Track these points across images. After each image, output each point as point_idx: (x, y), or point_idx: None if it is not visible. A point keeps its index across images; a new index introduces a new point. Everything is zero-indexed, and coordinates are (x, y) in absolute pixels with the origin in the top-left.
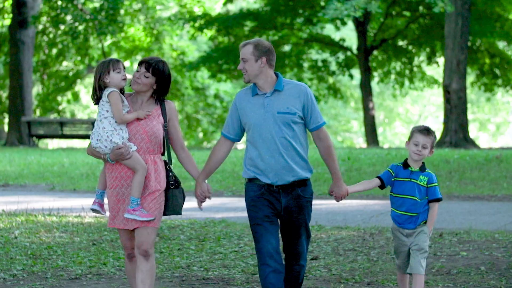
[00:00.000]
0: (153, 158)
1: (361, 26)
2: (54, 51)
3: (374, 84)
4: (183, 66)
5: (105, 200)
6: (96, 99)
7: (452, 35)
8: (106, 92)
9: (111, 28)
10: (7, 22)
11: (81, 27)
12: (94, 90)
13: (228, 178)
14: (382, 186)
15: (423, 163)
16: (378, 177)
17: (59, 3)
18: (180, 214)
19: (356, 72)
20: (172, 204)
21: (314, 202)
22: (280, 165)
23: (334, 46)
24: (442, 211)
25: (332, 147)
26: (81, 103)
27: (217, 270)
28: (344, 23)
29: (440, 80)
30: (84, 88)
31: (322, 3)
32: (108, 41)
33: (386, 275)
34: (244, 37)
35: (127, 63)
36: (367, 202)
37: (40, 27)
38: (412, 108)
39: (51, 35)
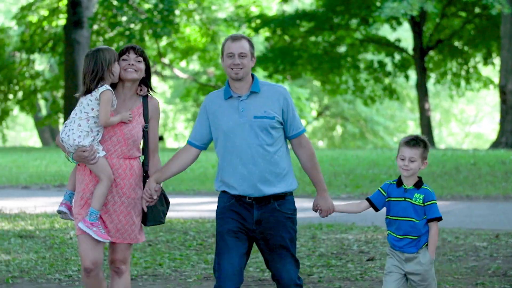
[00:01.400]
0: (129, 163)
1: (417, 26)
2: None
3: (430, 84)
4: None
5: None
6: (86, 91)
7: (508, 35)
8: (100, 89)
9: (166, 30)
10: (62, 22)
11: (136, 27)
12: (89, 79)
13: None
14: (375, 209)
15: (419, 178)
16: (368, 199)
17: (115, 3)
18: (163, 223)
19: (412, 73)
20: (152, 213)
21: None
22: (255, 177)
23: (390, 46)
24: (498, 212)
25: (315, 155)
26: None
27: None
28: (399, 23)
29: (496, 80)
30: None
31: (378, 3)
32: (164, 41)
33: (442, 276)
34: (300, 37)
35: (183, 63)
36: None
37: (95, 27)
38: (468, 108)
39: (106, 35)
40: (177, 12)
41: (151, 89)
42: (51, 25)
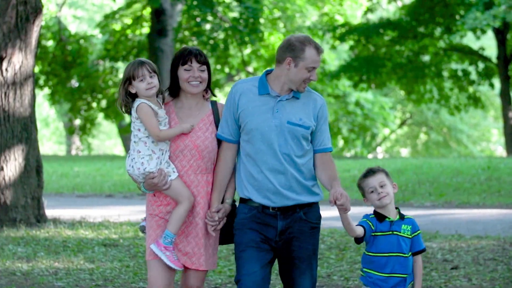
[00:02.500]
0: (206, 179)
1: (500, 35)
2: None
3: None
4: (324, 75)
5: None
6: (126, 108)
7: None
8: (134, 105)
9: (251, 38)
10: (146, 30)
11: (221, 35)
12: (122, 96)
13: None
14: (359, 240)
15: (397, 209)
16: (362, 226)
17: (197, 12)
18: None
19: (497, 81)
20: (224, 232)
21: (453, 211)
22: (280, 185)
23: (474, 55)
24: None
25: (338, 177)
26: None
27: (357, 280)
28: (484, 32)
29: None
30: (224, 97)
31: (462, 12)
32: (248, 49)
33: None
34: (384, 46)
35: None
36: (506, 212)
37: (179, 35)
38: None
39: (190, 44)
40: (261, 20)
41: (213, 95)
42: (134, 33)
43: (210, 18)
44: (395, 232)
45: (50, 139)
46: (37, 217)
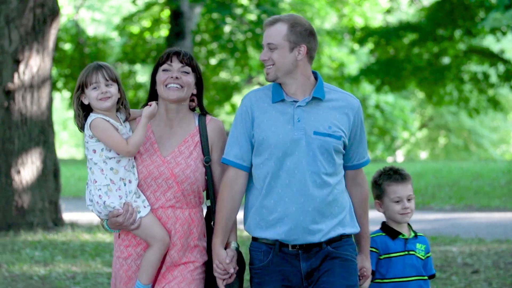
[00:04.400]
0: (188, 215)
1: None
2: (212, 61)
3: None
4: (343, 79)
5: None
6: (81, 125)
7: None
8: (87, 121)
9: None
10: (164, 33)
11: (240, 36)
12: (74, 107)
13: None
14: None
15: (410, 226)
16: None
17: (215, 15)
18: None
19: None
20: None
21: (473, 215)
22: (305, 216)
23: (494, 57)
24: None
25: (368, 199)
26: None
27: None
28: (504, 33)
29: None
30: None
31: (482, 14)
32: None
33: None
34: (403, 49)
35: None
36: None
37: (198, 38)
38: None
39: (208, 46)
40: None
41: (204, 111)
42: (153, 36)
43: (229, 20)
44: (411, 252)
45: (68, 142)
46: (54, 221)
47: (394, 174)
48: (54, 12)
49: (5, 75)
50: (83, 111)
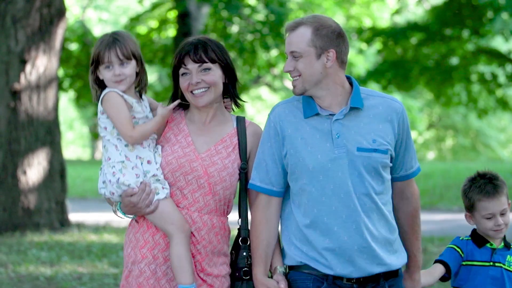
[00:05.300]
0: (215, 222)
1: None
2: None
3: None
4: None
5: None
6: (97, 100)
7: None
8: (101, 95)
9: (276, 41)
10: (171, 33)
11: (248, 38)
12: (91, 82)
13: None
14: (446, 277)
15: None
16: (441, 261)
17: (225, 14)
18: None
19: None
20: None
21: None
22: (358, 244)
23: (502, 58)
24: None
25: (418, 215)
26: (246, 114)
27: None
28: None
29: None
30: (251, 100)
31: (489, 14)
32: (275, 51)
33: None
34: (411, 49)
35: None
36: None
37: None
38: None
39: None
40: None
41: (236, 105)
42: (160, 36)
43: (236, 20)
44: (497, 264)
45: (75, 142)
46: (61, 221)
47: (485, 186)
48: (61, 12)
49: (12, 75)
50: (100, 85)
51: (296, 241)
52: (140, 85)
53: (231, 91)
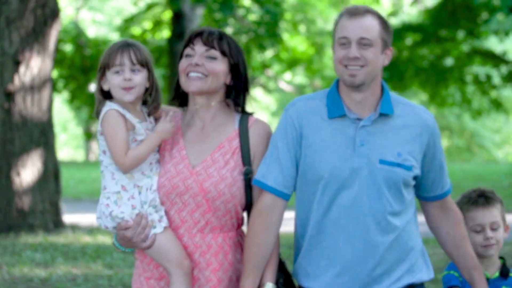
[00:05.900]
0: (222, 242)
1: None
2: None
3: None
4: None
5: None
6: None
7: None
8: (101, 115)
9: (271, 41)
10: (165, 34)
11: (244, 37)
12: (96, 94)
13: None
14: None
15: (503, 261)
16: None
17: (219, 15)
18: None
19: None
20: None
21: None
22: (365, 267)
23: (496, 59)
24: None
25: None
26: None
27: None
28: (507, 34)
29: None
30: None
31: (484, 15)
32: (270, 52)
33: None
34: (406, 50)
35: (287, 76)
36: None
37: None
38: None
39: None
40: (283, 25)
41: (240, 106)
42: (154, 37)
43: (231, 21)
44: None
45: (69, 144)
46: (55, 223)
47: (477, 197)
48: (55, 13)
49: (6, 76)
50: (104, 98)
51: (302, 256)
52: (148, 102)
53: (235, 99)
